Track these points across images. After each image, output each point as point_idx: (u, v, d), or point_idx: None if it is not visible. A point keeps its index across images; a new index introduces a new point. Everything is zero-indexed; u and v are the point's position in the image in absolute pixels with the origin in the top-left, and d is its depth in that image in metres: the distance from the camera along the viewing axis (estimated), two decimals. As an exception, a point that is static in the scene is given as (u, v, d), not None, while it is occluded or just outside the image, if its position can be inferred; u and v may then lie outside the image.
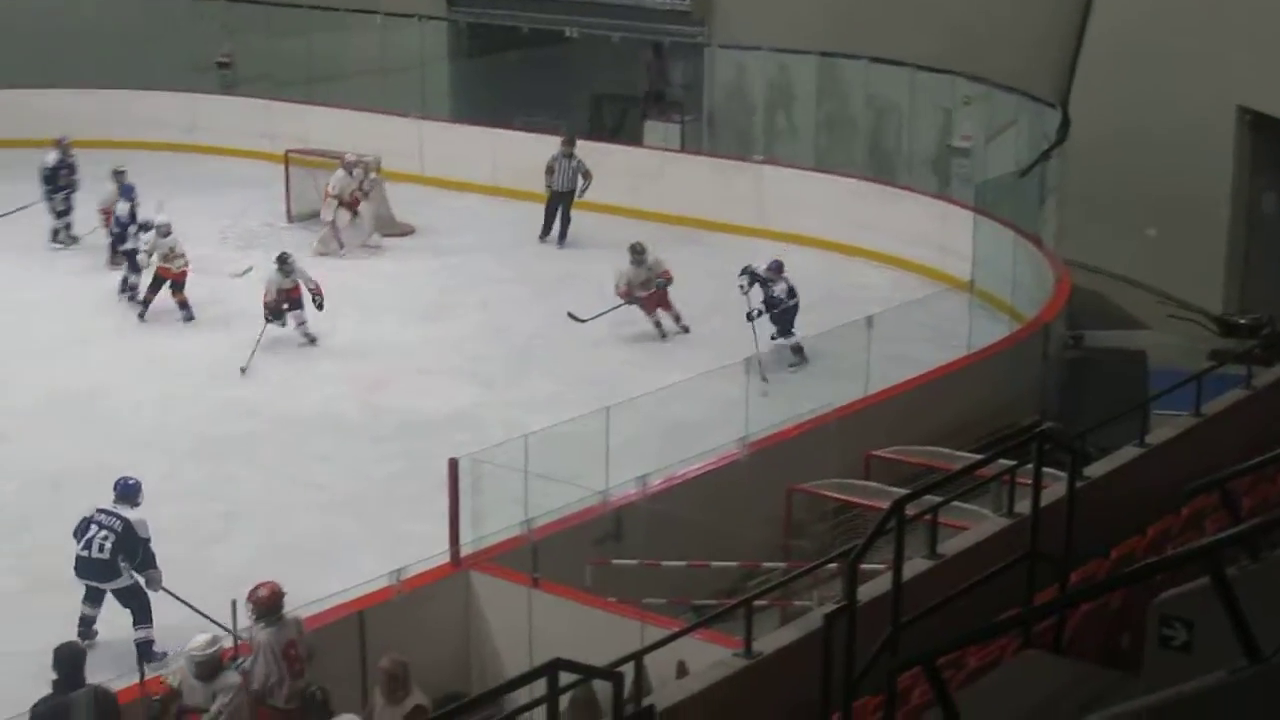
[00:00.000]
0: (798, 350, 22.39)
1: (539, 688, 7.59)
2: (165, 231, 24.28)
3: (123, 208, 25.84)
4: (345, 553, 16.96)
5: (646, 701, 8.97)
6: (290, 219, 29.11)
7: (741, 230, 28.27)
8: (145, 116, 34.10)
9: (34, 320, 24.37)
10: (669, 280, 23.35)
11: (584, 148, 29.61)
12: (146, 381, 22.12)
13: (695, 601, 15.28)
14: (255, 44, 36.43)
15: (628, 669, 8.75)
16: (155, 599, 15.23)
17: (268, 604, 12.92)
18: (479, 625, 14.84)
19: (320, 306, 23.04)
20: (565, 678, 7.61)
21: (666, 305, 23.54)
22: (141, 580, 15.12)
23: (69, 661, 12.15)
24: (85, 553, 15.08)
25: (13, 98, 33.77)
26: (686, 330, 23.58)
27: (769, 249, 26.53)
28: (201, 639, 12.37)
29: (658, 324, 23.52)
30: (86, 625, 15.28)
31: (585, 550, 15.35)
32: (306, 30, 35.14)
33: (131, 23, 36.24)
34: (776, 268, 22.45)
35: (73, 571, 15.25)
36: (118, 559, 14.98)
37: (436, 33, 34.99)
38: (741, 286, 22.26)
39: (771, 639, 10.45)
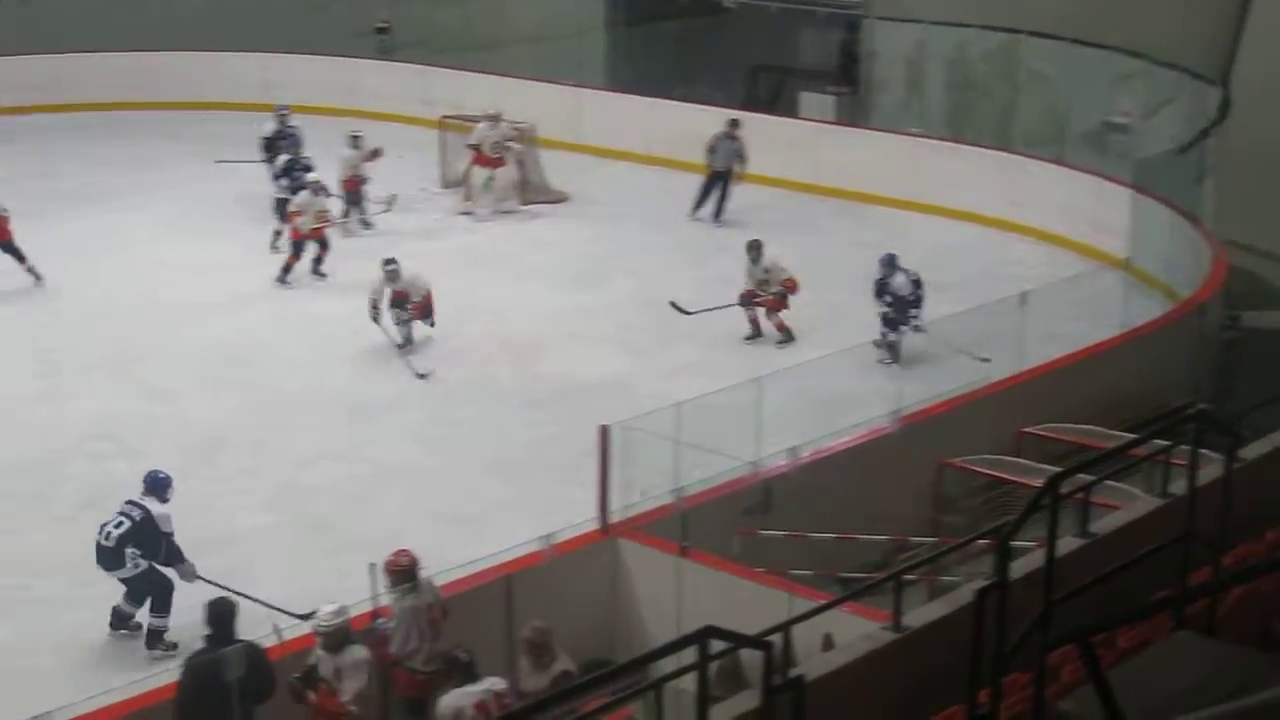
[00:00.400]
0: (891, 346, 21.57)
1: (685, 656, 7.61)
2: (318, 189, 24.66)
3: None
4: (493, 517, 17.06)
5: (795, 672, 8.95)
6: (444, 185, 29.27)
7: (895, 203, 28.14)
8: (307, 81, 34.46)
9: (198, 279, 24.71)
10: (792, 290, 22.89)
11: (739, 119, 29.61)
12: (302, 343, 22.38)
13: (842, 574, 15.22)
14: (414, 10, 36.71)
15: (776, 639, 8.75)
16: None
17: (404, 572, 12.98)
18: (625, 593, 14.87)
19: (430, 323, 22.17)
20: (715, 647, 7.62)
21: (780, 309, 23.08)
22: (158, 569, 14.81)
23: (221, 617, 12.27)
24: (99, 539, 14.77)
25: (175, 60, 34.29)
26: (790, 340, 22.62)
27: (922, 222, 26.44)
28: (329, 609, 12.28)
29: (754, 322, 22.88)
30: (119, 618, 15.07)
31: (733, 520, 15.33)
32: (464, -3, 35.43)
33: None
34: (888, 261, 22.12)
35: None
36: (124, 548, 14.63)
37: (594, 1, 35.04)
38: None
39: (920, 613, 10.40)
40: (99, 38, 34.34)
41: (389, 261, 21.79)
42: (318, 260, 24.66)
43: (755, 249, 22.82)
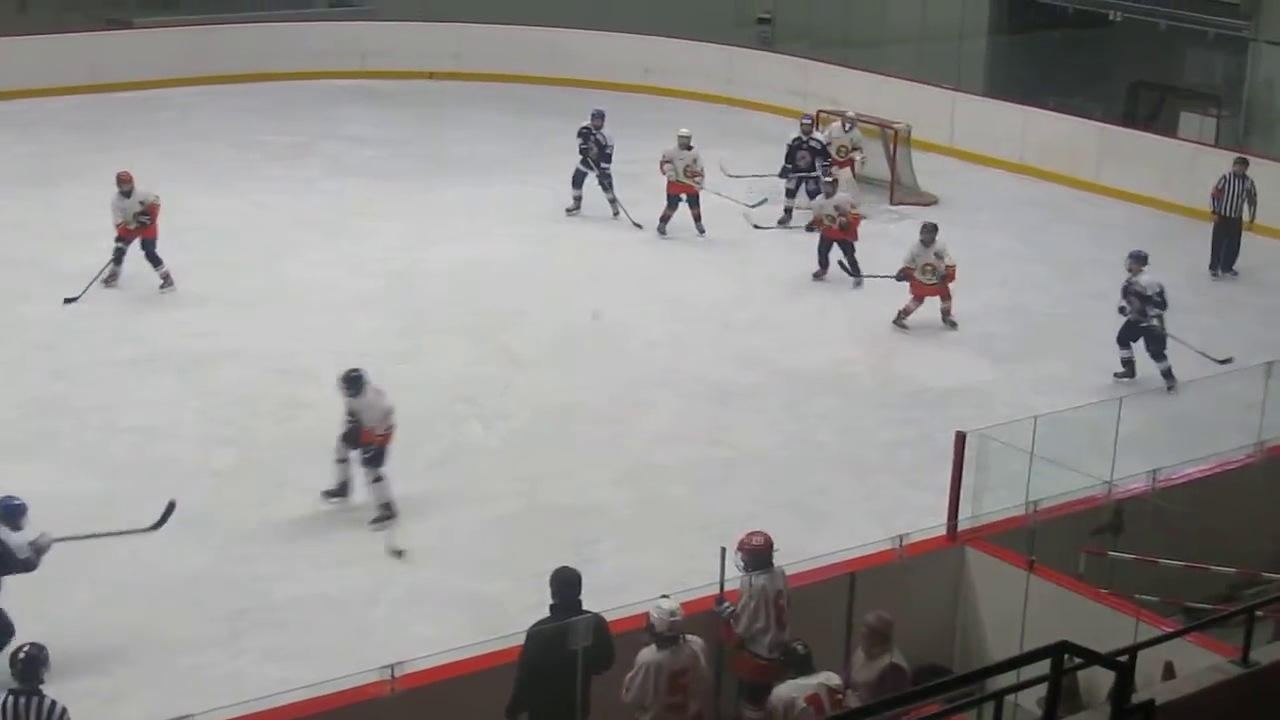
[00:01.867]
0: (1167, 374, 20.90)
1: (1026, 670, 7.55)
2: (686, 145, 25.47)
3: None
4: (840, 512, 17.12)
5: (1143, 696, 8.83)
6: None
7: (1270, 232, 27.42)
8: (686, 66, 34.85)
9: (559, 253, 25.20)
10: (951, 276, 22.64)
11: (1115, 134, 29.23)
12: (662, 321, 22.61)
13: (1188, 603, 14.95)
14: (796, 3, 36.85)
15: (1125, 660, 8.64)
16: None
17: (758, 553, 13.02)
18: (968, 601, 14.76)
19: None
20: (1068, 663, 7.57)
21: (945, 296, 22.83)
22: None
23: (566, 585, 12.36)
24: None
25: (551, 36, 35.00)
26: (953, 326, 22.79)
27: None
28: (666, 605, 11.99)
29: (904, 312, 22.76)
30: None
31: (1081, 539, 15.12)
32: (850, -6, 35.50)
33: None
34: (1139, 257, 21.18)
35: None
36: None
37: (979, 6, 34.83)
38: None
39: (1270, 650, 10.17)
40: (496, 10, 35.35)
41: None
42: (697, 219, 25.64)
43: (930, 231, 22.71)
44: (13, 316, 21.60)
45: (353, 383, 16.58)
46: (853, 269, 23.93)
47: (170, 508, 14.87)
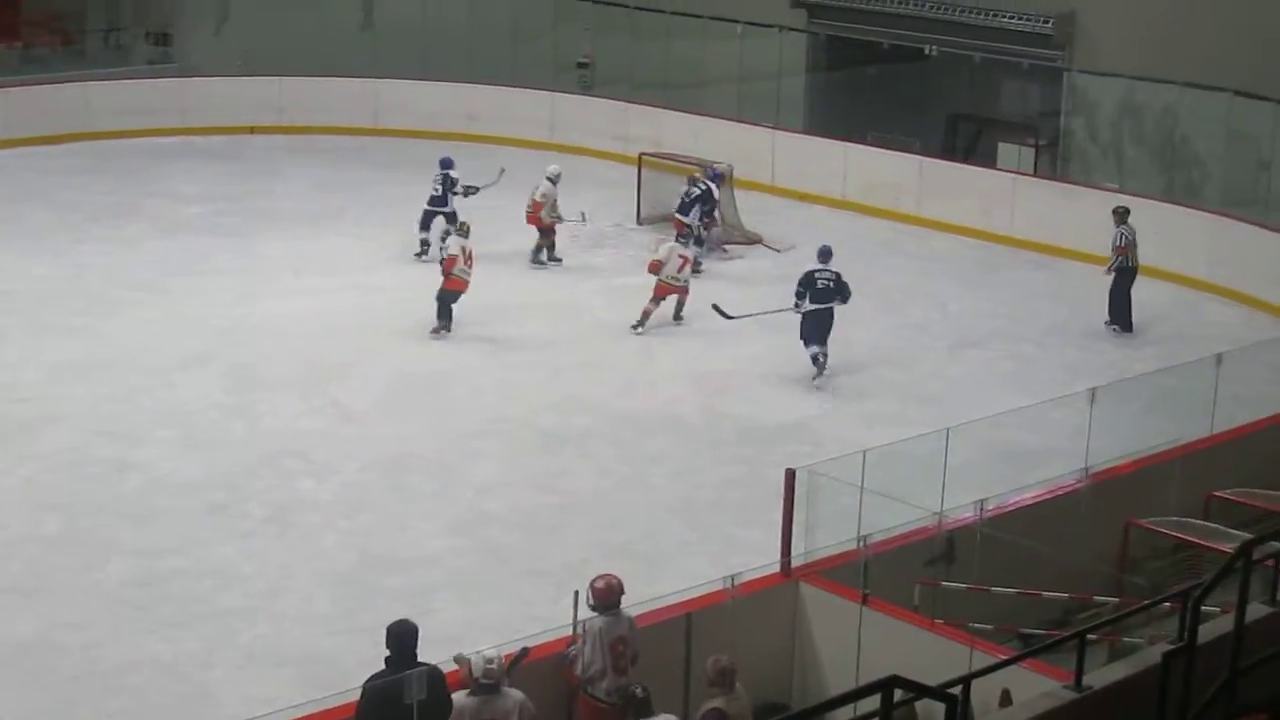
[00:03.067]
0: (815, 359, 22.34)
1: (864, 704, 7.59)
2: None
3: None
4: (675, 554, 17.15)
5: (974, 726, 8.92)
6: (639, 221, 29.46)
7: (1090, 258, 27.85)
8: (510, 113, 34.94)
9: (385, 303, 25.10)
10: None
11: (935, 167, 29.61)
12: (488, 370, 22.57)
13: (1023, 630, 15.09)
14: (616, 47, 36.99)
15: (957, 691, 8.71)
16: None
17: (604, 596, 12.99)
18: (804, 637, 14.81)
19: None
20: (897, 696, 7.61)
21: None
22: None
23: (401, 639, 12.27)
24: None
25: (373, 87, 34.95)
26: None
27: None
28: (486, 652, 11.99)
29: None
30: None
31: (915, 570, 15.22)
32: (666, 36, 35.61)
33: (499, 21, 37.27)
34: (824, 254, 22.72)
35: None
36: None
37: (795, 43, 35.08)
38: None
39: (1102, 674, 10.28)
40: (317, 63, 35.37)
41: None
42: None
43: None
44: None
45: None
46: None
47: None
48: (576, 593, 12.83)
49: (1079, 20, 31.46)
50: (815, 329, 22.24)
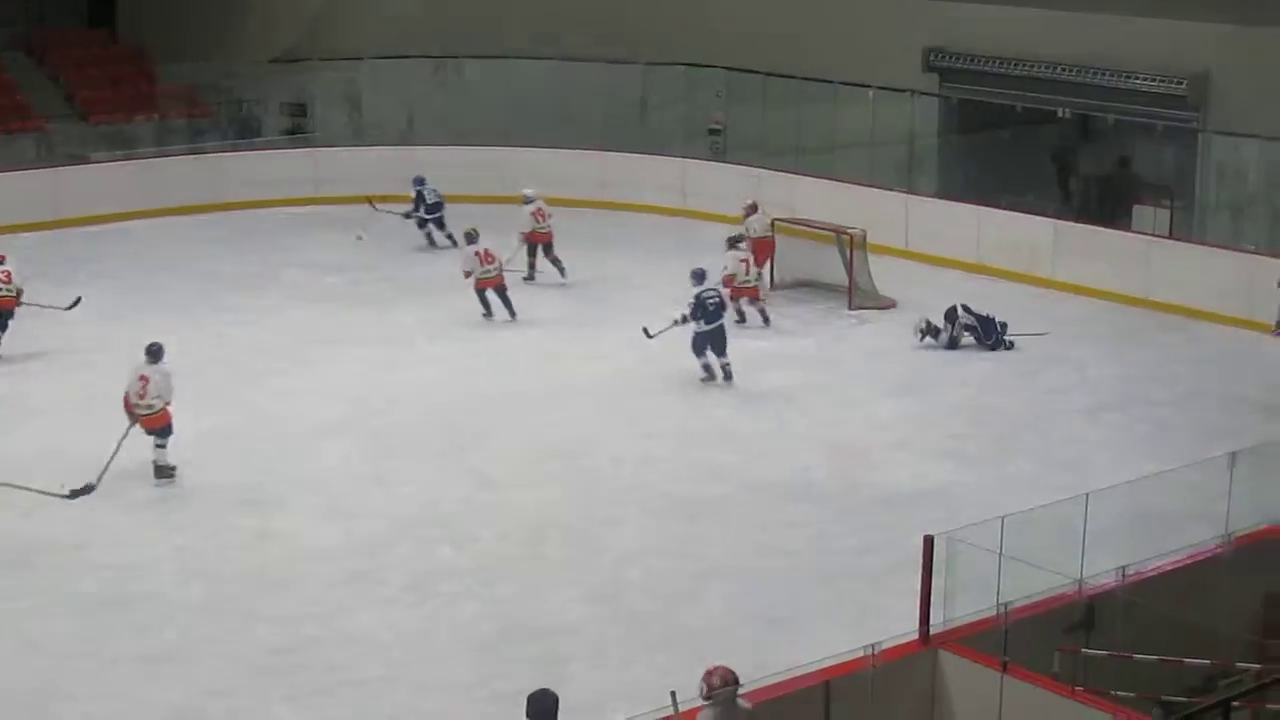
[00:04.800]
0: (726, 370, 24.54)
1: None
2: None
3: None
4: (813, 621, 17.09)
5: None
6: (773, 286, 29.44)
7: (1227, 321, 27.65)
8: (642, 179, 35.13)
9: (522, 370, 25.33)
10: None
11: (1070, 229, 29.53)
12: (624, 437, 22.64)
13: (1164, 697, 14.97)
14: (747, 113, 37.11)
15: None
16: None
17: (717, 689, 12.82)
18: (943, 705, 14.75)
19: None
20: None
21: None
22: None
23: (543, 706, 12.32)
24: None
25: (520, 156, 35.10)
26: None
27: (1253, 340, 26.03)
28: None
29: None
30: None
31: (1055, 637, 15.18)
32: (799, 102, 35.69)
33: (630, 88, 37.52)
34: (698, 274, 24.79)
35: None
36: None
37: (928, 107, 35.06)
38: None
39: (1246, 742, 10.22)
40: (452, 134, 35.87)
41: None
42: None
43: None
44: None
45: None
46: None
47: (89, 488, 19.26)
48: (673, 692, 12.64)
49: (1213, 80, 31.21)
50: (715, 343, 24.53)
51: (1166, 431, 22.77)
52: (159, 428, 20.68)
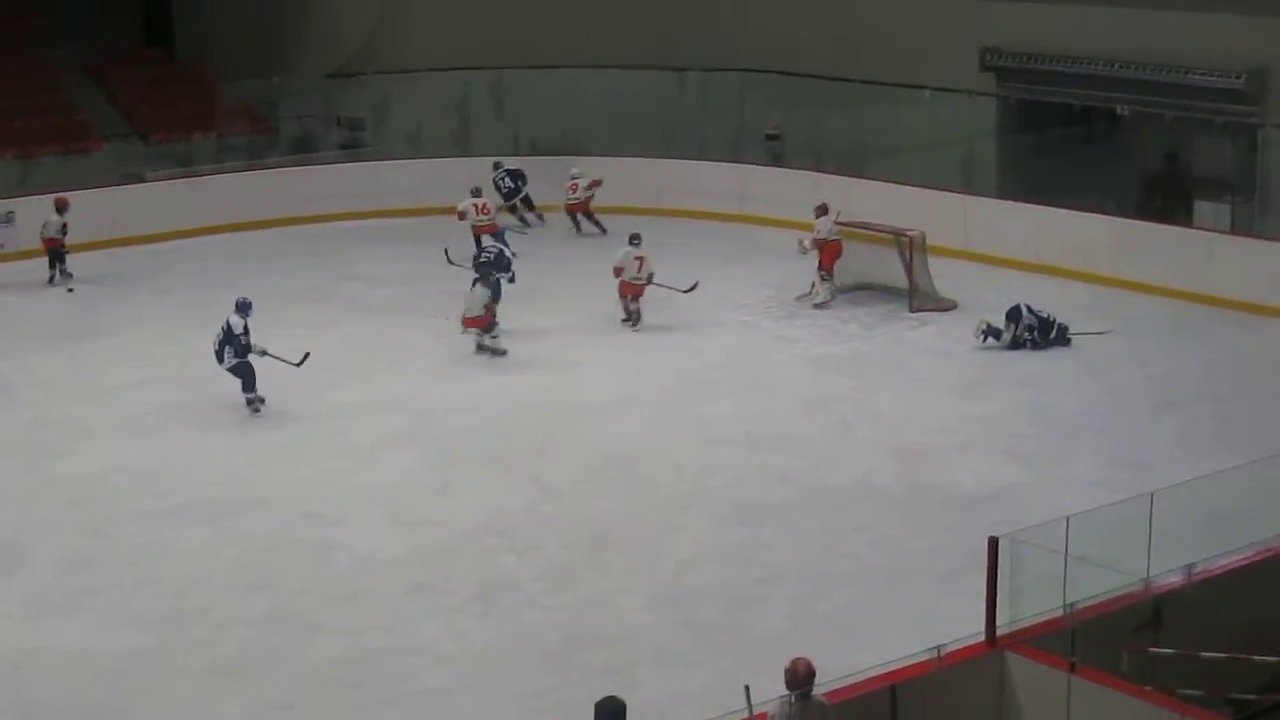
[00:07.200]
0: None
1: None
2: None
3: None
4: (878, 624, 17.03)
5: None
6: (834, 289, 29.35)
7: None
8: (699, 186, 35.10)
9: (583, 379, 25.32)
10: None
11: (1130, 227, 29.35)
12: (686, 443, 22.59)
13: (1232, 695, 14.86)
14: (804, 117, 37.04)
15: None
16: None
17: (800, 680, 12.83)
18: (1011, 707, 14.67)
19: None
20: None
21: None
22: None
23: (610, 715, 12.30)
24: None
25: (562, 165, 35.09)
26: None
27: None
28: None
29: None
30: None
31: (1122, 637, 15.06)
32: (855, 104, 35.59)
33: (688, 95, 37.55)
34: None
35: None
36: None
37: (985, 108, 34.91)
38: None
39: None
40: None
41: None
42: None
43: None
44: (44, 475, 21.62)
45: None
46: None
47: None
48: (747, 687, 12.65)
49: (1272, 74, 31.01)
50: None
51: (1232, 428, 22.59)
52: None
